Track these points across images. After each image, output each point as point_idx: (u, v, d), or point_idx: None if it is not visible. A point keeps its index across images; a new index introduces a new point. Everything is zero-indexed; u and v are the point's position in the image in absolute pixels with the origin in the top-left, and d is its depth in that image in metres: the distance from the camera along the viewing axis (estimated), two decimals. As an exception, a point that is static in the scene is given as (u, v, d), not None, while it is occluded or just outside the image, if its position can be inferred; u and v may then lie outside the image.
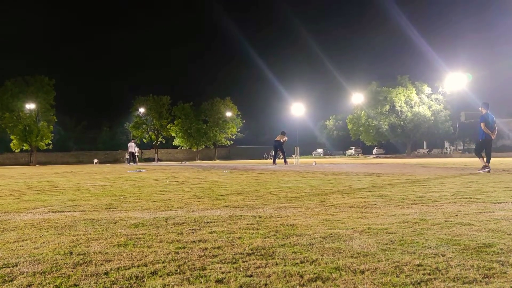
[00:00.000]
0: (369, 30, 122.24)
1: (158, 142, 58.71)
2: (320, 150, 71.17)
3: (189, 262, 2.03)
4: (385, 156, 54.56)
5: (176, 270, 1.90)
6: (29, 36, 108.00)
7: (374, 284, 1.68)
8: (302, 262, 1.99)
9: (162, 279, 1.78)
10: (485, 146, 10.02)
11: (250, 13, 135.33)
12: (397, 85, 52.67)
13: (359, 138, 59.01)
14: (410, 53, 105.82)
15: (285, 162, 18.86)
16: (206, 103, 59.03)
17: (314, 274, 1.81)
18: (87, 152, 62.14)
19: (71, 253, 2.24)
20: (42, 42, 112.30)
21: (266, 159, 48.80)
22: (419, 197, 4.55)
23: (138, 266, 1.97)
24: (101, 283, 1.74)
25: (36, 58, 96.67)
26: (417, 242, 2.34)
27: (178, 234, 2.70)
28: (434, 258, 2.02)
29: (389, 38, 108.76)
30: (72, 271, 1.91)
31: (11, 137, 46.18)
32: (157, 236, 2.65)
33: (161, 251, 2.24)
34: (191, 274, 1.84)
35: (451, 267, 1.87)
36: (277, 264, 1.97)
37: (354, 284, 1.69)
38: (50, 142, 47.91)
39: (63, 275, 1.85)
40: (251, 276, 1.81)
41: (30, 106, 45.63)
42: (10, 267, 1.99)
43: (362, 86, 54.31)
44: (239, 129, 59.88)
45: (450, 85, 48.74)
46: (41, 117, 47.24)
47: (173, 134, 57.58)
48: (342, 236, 2.54)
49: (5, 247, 2.41)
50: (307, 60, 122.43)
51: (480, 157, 9.93)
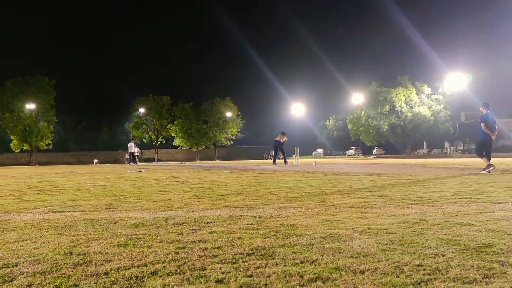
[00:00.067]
0: (369, 30, 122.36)
1: (158, 142, 58.73)
2: (320, 150, 71.18)
3: (189, 262, 2.03)
4: (385, 156, 54.54)
5: (176, 270, 1.90)
6: (29, 36, 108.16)
7: (374, 284, 1.68)
8: (302, 262, 1.99)
9: (162, 279, 1.78)
10: (485, 146, 10.01)
11: (250, 13, 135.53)
12: (397, 85, 52.67)
13: (359, 138, 59.01)
14: (410, 53, 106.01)
15: (285, 162, 18.87)
16: (206, 103, 59.07)
17: (314, 274, 1.81)
18: (87, 152, 62.17)
19: (71, 253, 2.24)
20: (42, 42, 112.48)
21: (266, 159, 48.81)
22: (419, 197, 4.55)
23: (138, 266, 1.97)
24: (101, 283, 1.74)
25: (36, 58, 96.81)
26: (417, 242, 2.34)
27: (178, 234, 2.70)
28: (434, 258, 2.02)
29: (389, 38, 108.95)
30: (72, 271, 1.91)
31: (11, 137, 46.22)
32: (157, 236, 2.65)
33: (161, 251, 2.24)
34: (191, 274, 1.84)
35: (451, 267, 1.87)
36: (277, 264, 1.97)
37: (354, 284, 1.69)
38: (50, 142, 47.96)
39: (63, 275, 1.85)
40: (251, 276, 1.81)
41: (30, 106, 45.68)
42: (10, 267, 1.99)
43: (362, 86, 54.33)
44: (239, 129, 59.90)
45: (450, 85, 48.76)
46: (41, 117, 47.27)
47: (173, 134, 57.61)
48: (342, 236, 2.54)
49: (5, 247, 2.41)
50: (307, 60, 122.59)
51: (482, 157, 9.92)
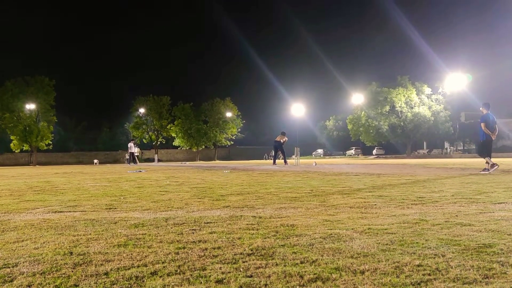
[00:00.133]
0: (369, 30, 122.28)
1: (158, 143, 58.73)
2: (320, 151, 71.18)
3: (189, 262, 2.03)
4: (385, 156, 54.52)
5: (176, 271, 1.90)
6: (29, 36, 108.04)
7: (374, 284, 1.68)
8: (302, 263, 1.99)
9: (162, 280, 1.78)
10: (486, 146, 10.00)
11: (250, 13, 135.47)
12: (397, 85, 52.67)
13: (359, 139, 59.01)
14: (410, 53, 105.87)
15: (285, 162, 18.87)
16: (206, 104, 59.06)
17: (314, 274, 1.81)
18: (87, 152, 62.18)
19: (71, 253, 2.24)
20: (42, 42, 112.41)
21: (266, 160, 48.80)
22: (419, 197, 4.55)
23: (138, 267, 1.97)
24: (101, 284, 1.74)
25: (36, 58, 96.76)
26: (417, 243, 2.34)
27: (178, 234, 2.70)
28: (434, 258, 2.02)
29: (389, 38, 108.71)
30: (72, 271, 1.91)
31: (11, 137, 46.23)
32: (157, 236, 2.65)
33: (161, 252, 2.24)
34: (191, 275, 1.84)
35: (451, 268, 1.87)
36: (277, 264, 1.97)
37: (354, 284, 1.69)
38: (50, 143, 47.97)
39: (63, 275, 1.85)
40: (251, 276, 1.81)
41: (30, 107, 45.70)
42: (10, 267, 1.99)
43: (362, 87, 54.33)
44: (239, 129, 59.88)
45: (450, 85, 48.78)
46: (41, 117, 47.29)
47: (173, 135, 57.61)
48: (342, 236, 2.54)
49: (5, 247, 2.41)
50: (307, 60, 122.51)
51: (485, 157, 9.89)
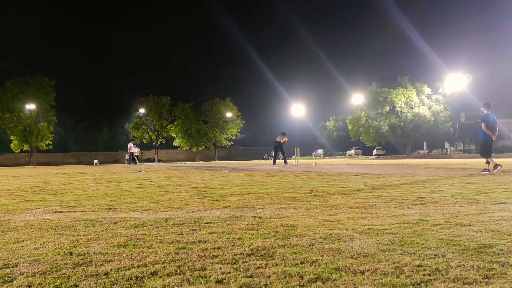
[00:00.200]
0: (369, 30, 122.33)
1: (158, 143, 58.74)
2: (320, 151, 71.17)
3: (189, 262, 2.03)
4: (385, 156, 54.54)
5: (176, 271, 1.90)
6: (29, 36, 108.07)
7: (374, 284, 1.68)
8: (302, 263, 1.99)
9: (162, 280, 1.78)
10: (486, 146, 10.00)
11: (250, 13, 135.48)
12: (397, 85, 52.69)
13: (359, 139, 59.02)
14: (410, 54, 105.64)
15: (285, 162, 18.87)
16: (206, 104, 59.09)
17: (314, 274, 1.81)
18: (87, 152, 62.22)
19: (71, 253, 2.24)
20: (42, 42, 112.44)
21: (266, 160, 48.80)
22: (419, 197, 4.55)
23: (138, 267, 1.97)
24: (101, 284, 1.74)
25: (36, 58, 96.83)
26: (417, 243, 2.34)
27: (178, 234, 2.70)
28: (434, 258, 2.02)
29: (389, 38, 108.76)
30: (72, 272, 1.91)
31: (11, 137, 46.24)
32: (157, 236, 2.65)
33: (161, 252, 2.24)
34: (191, 275, 1.84)
35: (451, 268, 1.87)
36: (277, 264, 1.97)
37: (354, 284, 1.69)
38: (50, 143, 47.98)
39: (63, 276, 1.85)
40: (251, 276, 1.81)
41: (30, 107, 45.71)
42: (10, 268, 1.99)
43: (362, 87, 54.37)
44: (239, 129, 59.91)
45: (450, 86, 48.80)
46: (41, 117, 47.30)
47: (173, 135, 57.62)
48: (342, 236, 2.54)
49: (5, 248, 2.41)
50: (307, 60, 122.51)
51: (487, 157, 9.87)
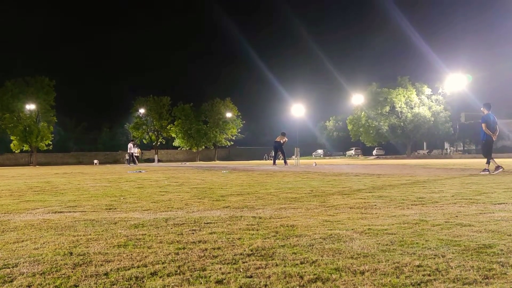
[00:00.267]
0: (369, 31, 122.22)
1: (158, 143, 58.73)
2: (320, 151, 71.18)
3: (189, 262, 2.03)
4: (385, 157, 54.54)
5: (176, 271, 1.90)
6: (29, 36, 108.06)
7: (374, 285, 1.68)
8: (302, 263, 1.99)
9: (162, 280, 1.78)
10: (486, 147, 10.00)
11: (250, 13, 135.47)
12: (397, 86, 52.69)
13: (359, 139, 59.01)
14: (410, 54, 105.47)
15: (285, 163, 18.87)
16: (206, 104, 59.08)
17: (314, 275, 1.81)
18: (87, 152, 62.20)
19: (71, 253, 2.24)
20: (42, 42, 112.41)
21: (266, 160, 48.78)
22: (419, 198, 4.55)
23: (138, 267, 1.97)
24: (101, 284, 1.74)
25: (36, 58, 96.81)
26: (417, 243, 2.34)
27: (178, 234, 2.70)
28: (434, 259, 2.02)
29: (389, 39, 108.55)
30: (72, 272, 1.91)
31: (11, 137, 46.23)
32: (157, 236, 2.65)
33: (161, 252, 2.24)
34: (191, 275, 1.84)
35: (451, 268, 1.87)
36: (277, 265, 1.97)
37: (354, 285, 1.69)
38: (50, 143, 47.97)
39: (63, 276, 1.85)
40: (251, 277, 1.81)
41: (30, 107, 45.70)
42: (10, 268, 1.99)
43: (362, 87, 54.37)
44: (239, 130, 59.89)
45: (450, 86, 48.79)
46: (41, 117, 47.29)
47: (173, 135, 57.62)
48: (342, 237, 2.54)
49: (5, 248, 2.41)
50: (308, 61, 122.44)
51: (489, 158, 9.85)
